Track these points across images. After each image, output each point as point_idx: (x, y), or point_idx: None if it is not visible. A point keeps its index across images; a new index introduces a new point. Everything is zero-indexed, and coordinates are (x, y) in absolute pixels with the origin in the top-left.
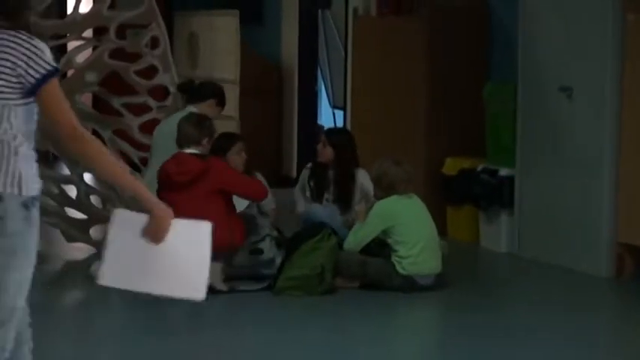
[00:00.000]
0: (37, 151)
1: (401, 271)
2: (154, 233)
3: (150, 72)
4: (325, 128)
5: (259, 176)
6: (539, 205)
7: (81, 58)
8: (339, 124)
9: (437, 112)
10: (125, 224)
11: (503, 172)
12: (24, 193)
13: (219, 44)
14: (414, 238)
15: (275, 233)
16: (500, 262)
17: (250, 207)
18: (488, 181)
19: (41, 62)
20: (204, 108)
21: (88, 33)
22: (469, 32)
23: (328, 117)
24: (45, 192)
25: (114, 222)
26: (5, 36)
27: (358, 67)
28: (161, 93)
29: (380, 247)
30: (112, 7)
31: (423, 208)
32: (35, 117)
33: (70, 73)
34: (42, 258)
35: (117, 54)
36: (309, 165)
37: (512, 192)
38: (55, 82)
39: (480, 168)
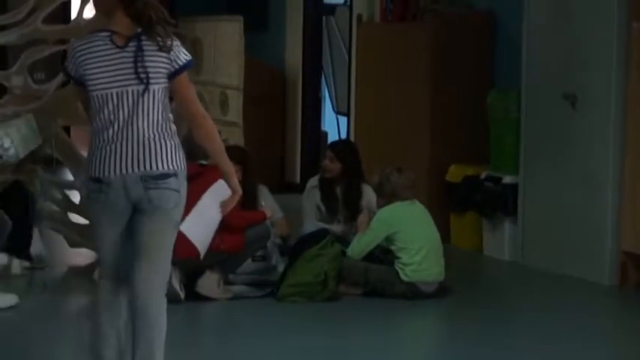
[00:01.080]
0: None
1: (404, 277)
2: (226, 206)
3: None
4: (329, 142)
5: (265, 191)
6: (543, 213)
7: None
8: (343, 130)
9: (441, 119)
10: (219, 190)
11: (507, 179)
12: (184, 168)
13: (223, 50)
14: (417, 245)
15: (278, 240)
16: (503, 270)
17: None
18: (491, 188)
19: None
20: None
21: None
22: (473, 39)
23: (332, 123)
24: (48, 197)
25: (216, 186)
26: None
27: (362, 74)
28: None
29: (383, 253)
30: None
31: (425, 215)
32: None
33: None
34: (45, 263)
35: None
36: (315, 184)
37: (515, 200)
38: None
39: (483, 175)
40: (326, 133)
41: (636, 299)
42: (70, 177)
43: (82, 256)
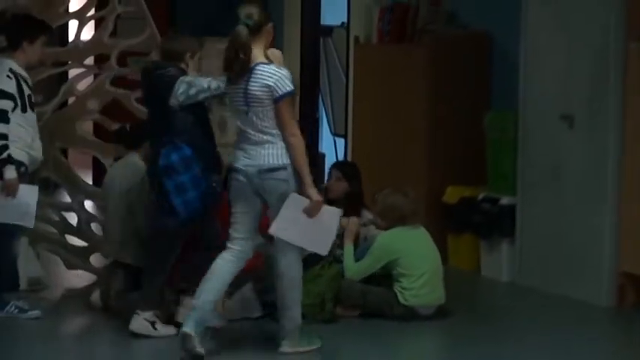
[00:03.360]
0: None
1: (403, 301)
2: (311, 211)
3: None
4: (334, 162)
5: None
6: (541, 234)
7: (82, 85)
8: (340, 152)
9: (438, 140)
10: (294, 202)
11: (504, 200)
12: (282, 162)
13: (221, 72)
14: (417, 271)
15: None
16: (501, 291)
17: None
18: (489, 209)
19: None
20: (143, 153)
21: (90, 60)
22: (470, 60)
23: (329, 144)
24: (45, 219)
25: (289, 199)
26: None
27: (359, 95)
28: None
29: (383, 275)
30: (113, 34)
31: (428, 240)
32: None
33: (71, 100)
34: (41, 286)
35: (118, 82)
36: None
37: (513, 221)
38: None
39: (480, 196)
40: (323, 155)
41: (634, 320)
42: (67, 198)
43: (80, 278)
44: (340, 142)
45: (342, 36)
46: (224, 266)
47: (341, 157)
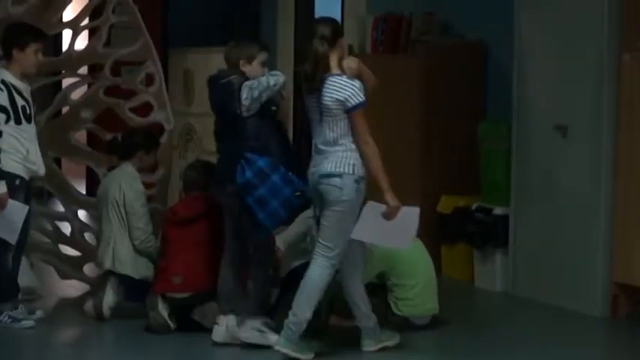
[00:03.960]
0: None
1: (396, 311)
2: (389, 215)
3: (145, 109)
4: None
5: None
6: (534, 244)
7: (76, 95)
8: None
9: (432, 150)
10: (372, 209)
11: (498, 210)
12: (356, 173)
13: None
14: (412, 281)
15: (270, 271)
16: (494, 302)
17: None
18: (482, 219)
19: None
20: (137, 162)
21: (83, 70)
22: (464, 71)
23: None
24: (39, 228)
25: (367, 207)
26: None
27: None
28: (156, 130)
29: (378, 285)
30: (107, 44)
31: (422, 251)
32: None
33: (64, 110)
34: (35, 295)
35: (112, 91)
36: (310, 215)
37: (506, 231)
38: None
39: (474, 206)
40: None
41: (627, 331)
42: (60, 208)
43: (73, 287)
44: None
45: None
46: (316, 276)
47: None
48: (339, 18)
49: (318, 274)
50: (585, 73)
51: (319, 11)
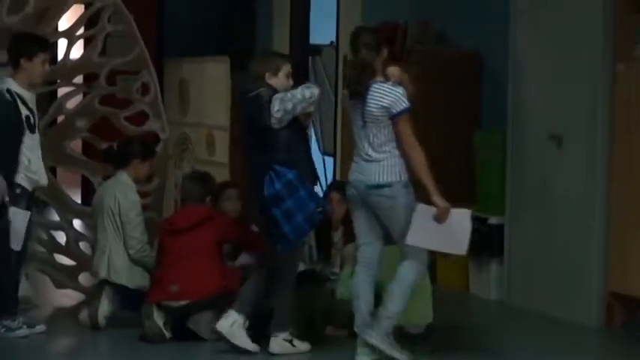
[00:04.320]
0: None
1: None
2: (439, 217)
3: (140, 118)
4: (331, 184)
5: (254, 228)
6: (529, 254)
7: (71, 104)
8: (329, 170)
9: (427, 160)
10: (422, 211)
11: (493, 220)
12: (402, 179)
13: (210, 91)
14: None
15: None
16: (489, 311)
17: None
18: (478, 229)
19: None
20: (133, 171)
21: (79, 79)
22: (460, 80)
23: (318, 163)
24: (34, 238)
25: (417, 210)
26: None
27: (348, 115)
28: (151, 140)
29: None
30: (102, 53)
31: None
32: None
33: (60, 119)
34: (30, 305)
35: (107, 100)
36: None
37: (501, 240)
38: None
39: None
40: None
41: (622, 339)
42: (55, 217)
43: (68, 297)
44: (330, 160)
45: (331, 55)
46: (361, 282)
47: (330, 176)
48: (334, 27)
49: (407, 270)
50: (580, 83)
51: (314, 23)
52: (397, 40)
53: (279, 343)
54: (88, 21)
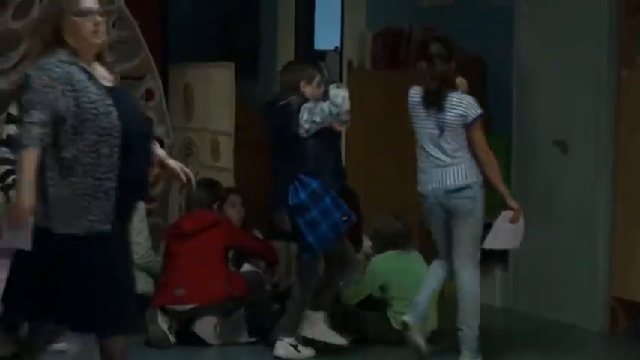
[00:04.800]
0: None
1: (396, 326)
2: (515, 219)
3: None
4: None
5: (257, 234)
6: (534, 260)
7: None
8: None
9: None
10: (504, 217)
11: None
12: (479, 179)
13: (215, 96)
14: (409, 295)
15: (269, 286)
16: (494, 317)
17: (256, 263)
18: (483, 235)
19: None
20: None
21: None
22: None
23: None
24: None
25: (501, 217)
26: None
27: (352, 120)
28: None
29: (380, 300)
30: None
31: (421, 264)
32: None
33: None
34: None
35: None
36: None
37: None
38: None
39: None
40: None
41: (626, 345)
42: None
43: None
44: None
45: (335, 61)
46: (434, 274)
47: None
48: (339, 32)
49: (471, 280)
50: (584, 89)
51: (319, 29)
52: (401, 46)
53: (284, 346)
54: None
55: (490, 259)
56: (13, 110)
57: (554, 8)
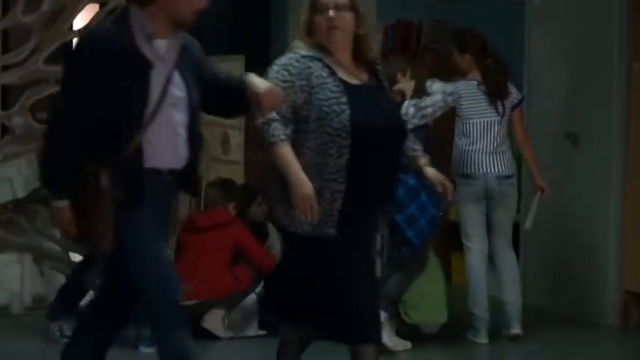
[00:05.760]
0: None
1: (405, 319)
2: (545, 198)
3: None
4: None
5: (274, 233)
6: (544, 253)
7: None
8: None
9: (441, 159)
10: (538, 197)
11: None
12: (513, 170)
13: None
14: (417, 287)
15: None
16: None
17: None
18: None
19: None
20: None
21: None
22: None
23: None
24: (49, 236)
25: (536, 198)
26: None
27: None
28: None
29: None
30: None
31: (432, 258)
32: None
33: None
34: (45, 303)
35: None
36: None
37: (517, 239)
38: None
39: None
40: None
41: (638, 339)
42: None
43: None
44: None
45: None
46: (478, 267)
47: None
48: None
49: (515, 263)
50: (595, 82)
51: None
52: (412, 38)
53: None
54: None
55: None
56: None
57: (566, 1)
